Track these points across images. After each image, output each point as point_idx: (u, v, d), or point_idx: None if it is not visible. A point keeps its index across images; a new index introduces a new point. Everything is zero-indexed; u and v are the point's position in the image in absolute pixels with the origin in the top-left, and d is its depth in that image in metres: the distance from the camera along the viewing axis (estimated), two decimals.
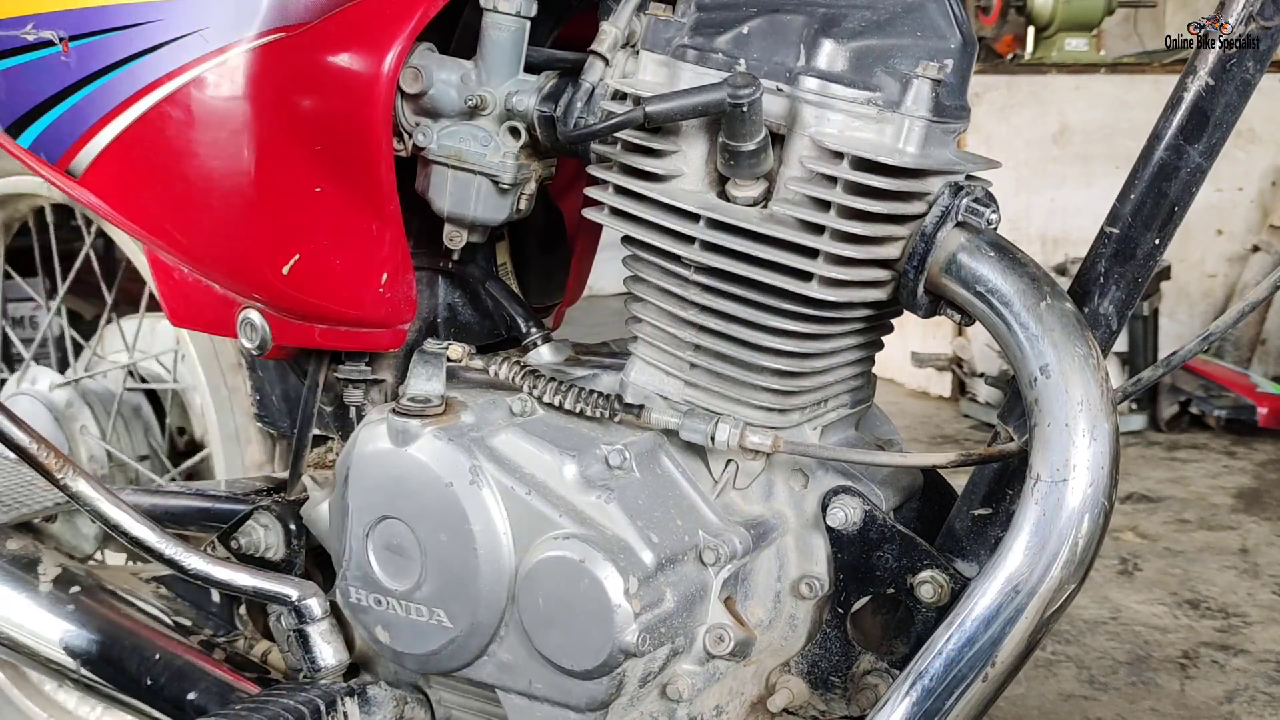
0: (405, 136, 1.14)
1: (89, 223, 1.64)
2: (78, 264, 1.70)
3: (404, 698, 1.12)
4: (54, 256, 1.73)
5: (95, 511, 0.94)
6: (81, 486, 0.92)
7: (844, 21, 0.95)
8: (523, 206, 1.18)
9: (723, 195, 0.99)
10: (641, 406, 1.02)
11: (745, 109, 0.90)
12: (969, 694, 0.93)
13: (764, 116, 0.93)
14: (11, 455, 0.90)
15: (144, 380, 1.74)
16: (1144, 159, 0.97)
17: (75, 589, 1.36)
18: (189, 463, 1.69)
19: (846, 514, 1.03)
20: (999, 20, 4.77)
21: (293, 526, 1.22)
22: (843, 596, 1.04)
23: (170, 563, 0.99)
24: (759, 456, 1.03)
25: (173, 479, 1.68)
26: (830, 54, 0.95)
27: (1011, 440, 0.99)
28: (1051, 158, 4.32)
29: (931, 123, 0.93)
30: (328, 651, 1.10)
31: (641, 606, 0.92)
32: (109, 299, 1.70)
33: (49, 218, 1.70)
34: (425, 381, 1.01)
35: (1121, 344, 3.80)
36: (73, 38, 1.12)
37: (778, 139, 0.97)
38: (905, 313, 1.03)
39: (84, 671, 1.31)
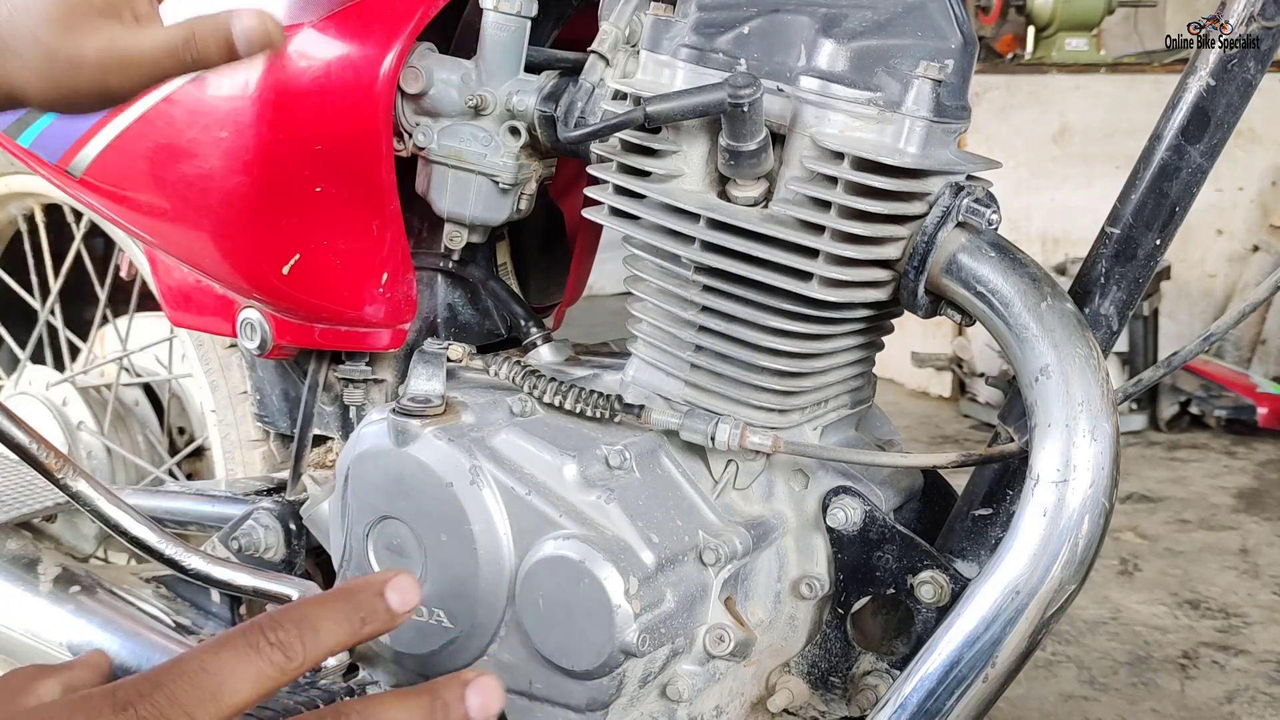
0: (405, 136, 1.14)
1: (79, 220, 1.64)
2: (68, 263, 1.69)
3: None
4: (45, 256, 1.73)
5: (95, 511, 0.94)
6: (81, 486, 0.92)
7: (844, 21, 0.95)
8: (523, 206, 1.18)
9: (723, 195, 0.99)
10: (642, 407, 1.02)
11: (746, 109, 0.90)
12: (969, 694, 0.93)
13: (764, 116, 0.93)
14: (11, 455, 0.89)
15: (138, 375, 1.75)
16: (1145, 159, 0.97)
17: (75, 589, 1.36)
18: (184, 452, 1.69)
19: (846, 514, 1.03)
20: (999, 20, 4.77)
21: (293, 526, 1.22)
22: (843, 597, 1.04)
23: (170, 563, 0.99)
24: (759, 457, 1.03)
25: (170, 471, 1.68)
26: (831, 54, 0.95)
27: (1011, 440, 0.99)
28: (1051, 158, 4.32)
29: (932, 123, 0.93)
30: None
31: (642, 607, 0.92)
32: (103, 298, 1.70)
33: (39, 217, 1.70)
34: (425, 381, 1.01)
35: (1122, 344, 3.80)
36: None
37: (778, 139, 0.97)
38: (905, 313, 1.03)
39: None
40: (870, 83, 0.94)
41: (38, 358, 1.79)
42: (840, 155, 0.93)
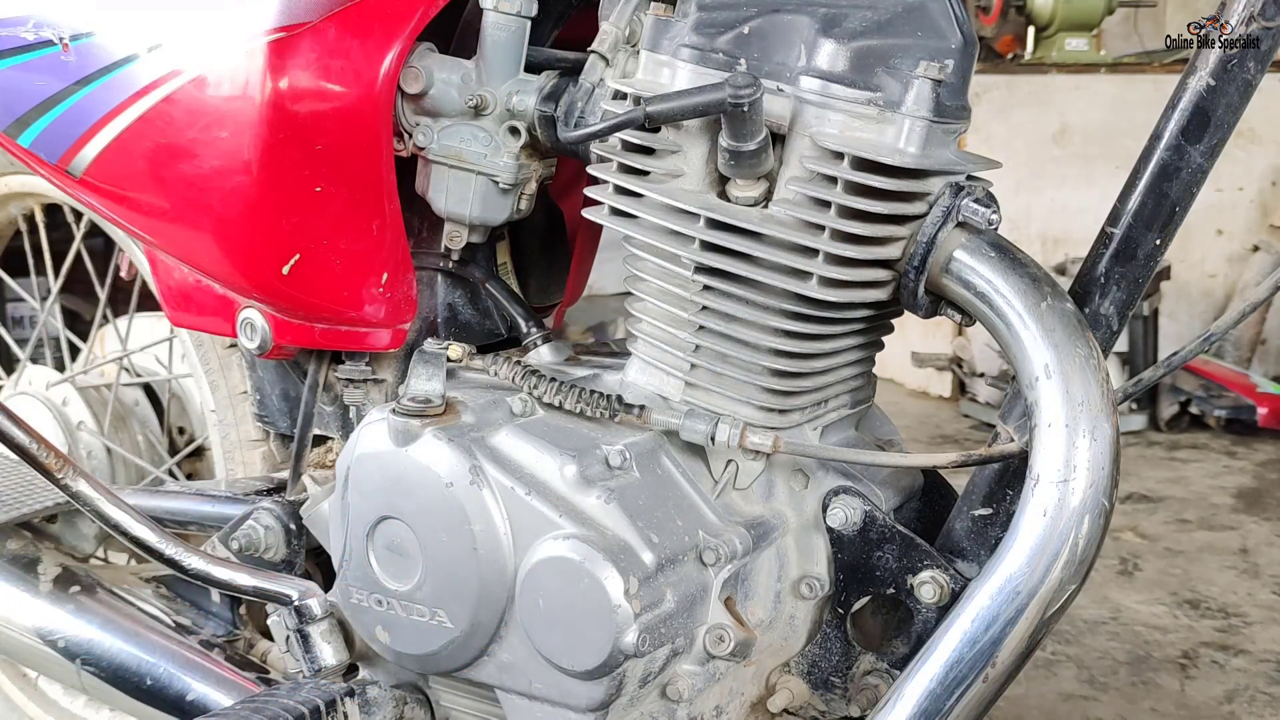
0: (405, 136, 1.14)
1: (79, 219, 1.64)
2: (68, 263, 1.69)
3: (404, 698, 1.12)
4: (45, 256, 1.72)
5: (95, 511, 0.94)
6: (81, 486, 0.92)
7: (845, 21, 0.95)
8: (523, 206, 1.18)
9: (723, 195, 0.99)
10: (642, 407, 1.02)
11: (746, 109, 0.90)
12: (969, 694, 0.93)
13: (764, 116, 0.93)
14: (12, 455, 0.90)
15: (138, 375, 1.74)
16: (1145, 159, 0.97)
17: (75, 589, 1.36)
18: (184, 452, 1.69)
19: (847, 514, 1.03)
20: (999, 20, 4.77)
21: (293, 526, 1.22)
22: (843, 597, 1.04)
23: (170, 563, 0.99)
24: (759, 457, 1.03)
25: (170, 471, 1.68)
26: (831, 54, 0.95)
27: (1012, 440, 0.99)
28: (1051, 158, 4.32)
29: (932, 123, 0.93)
30: (328, 651, 1.10)
31: (642, 607, 0.92)
32: (103, 298, 1.69)
33: (39, 217, 1.69)
34: (425, 381, 1.01)
35: (1122, 344, 3.80)
36: (73, 37, 1.12)
37: (778, 139, 0.97)
38: (905, 313, 1.03)
39: (84, 671, 1.31)
40: (870, 83, 0.94)
41: (37, 358, 1.79)
42: (840, 155, 0.93)
